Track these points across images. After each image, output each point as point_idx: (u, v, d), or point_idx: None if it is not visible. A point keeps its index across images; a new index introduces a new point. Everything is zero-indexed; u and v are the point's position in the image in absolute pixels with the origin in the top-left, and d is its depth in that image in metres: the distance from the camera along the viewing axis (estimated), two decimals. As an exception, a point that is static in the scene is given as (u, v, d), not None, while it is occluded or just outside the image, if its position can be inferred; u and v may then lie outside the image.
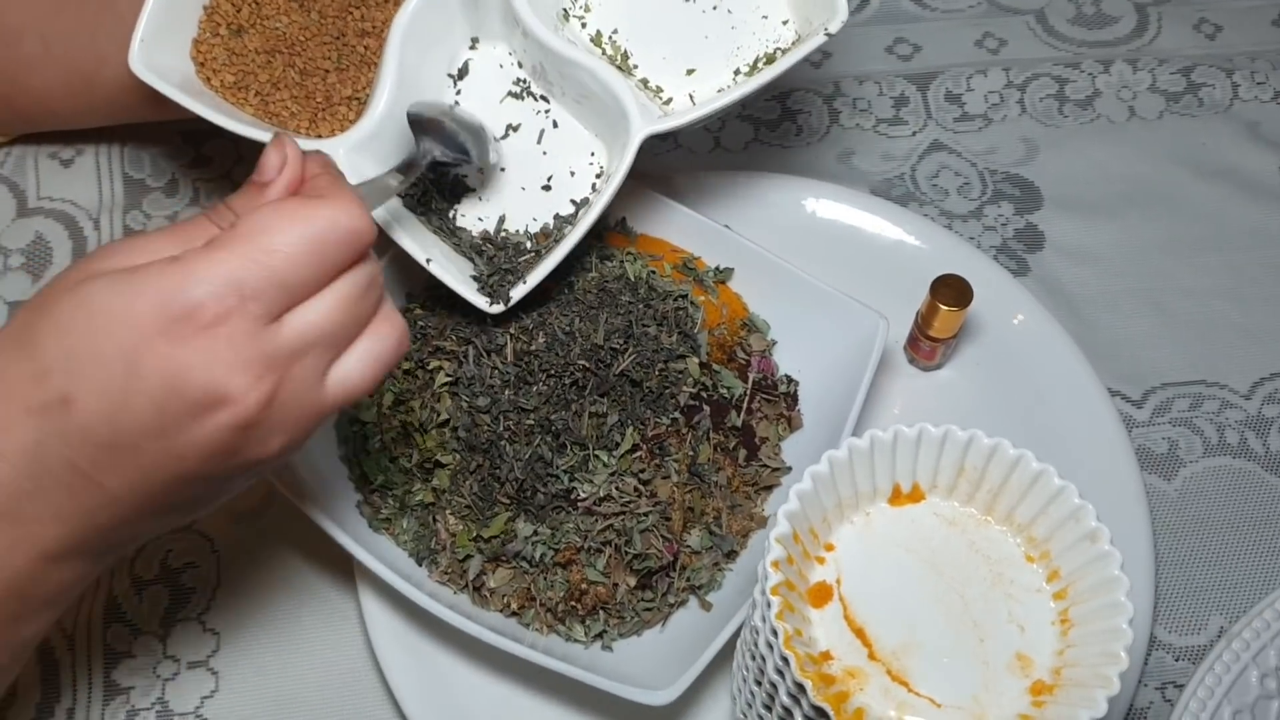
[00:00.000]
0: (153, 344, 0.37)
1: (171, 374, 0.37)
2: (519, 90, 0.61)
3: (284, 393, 0.39)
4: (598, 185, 0.61)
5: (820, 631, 0.46)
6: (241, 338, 0.38)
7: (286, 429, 0.40)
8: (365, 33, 0.61)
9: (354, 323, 0.41)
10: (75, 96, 0.68)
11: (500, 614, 0.57)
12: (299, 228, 0.39)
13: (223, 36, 0.60)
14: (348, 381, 0.42)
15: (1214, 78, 0.80)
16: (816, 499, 0.46)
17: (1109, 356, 0.69)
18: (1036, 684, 0.45)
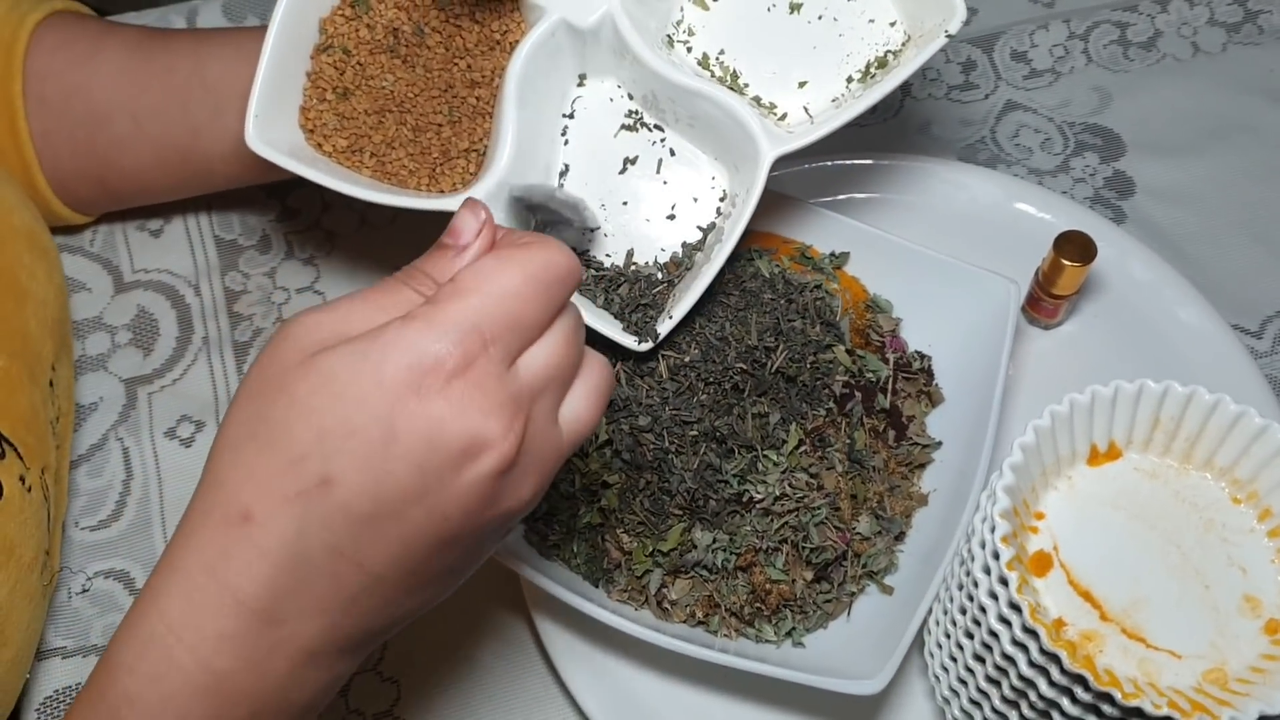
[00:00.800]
0: (406, 404, 0.37)
1: (429, 429, 0.37)
2: (632, 122, 0.61)
3: (531, 433, 0.39)
4: (722, 209, 0.60)
5: (1049, 600, 0.46)
6: (490, 381, 0.38)
7: (535, 471, 0.40)
8: (474, 83, 0.61)
9: (575, 359, 0.41)
10: (169, 171, 0.68)
11: (685, 624, 0.57)
12: (521, 270, 0.39)
13: (330, 102, 0.60)
14: (578, 419, 0.42)
15: (1271, 4, 0.81)
16: (1026, 469, 0.47)
17: (1220, 291, 0.70)
18: (1270, 623, 0.45)
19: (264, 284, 0.72)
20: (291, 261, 0.73)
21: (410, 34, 0.61)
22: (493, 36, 0.62)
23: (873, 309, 0.65)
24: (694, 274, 0.58)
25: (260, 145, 0.57)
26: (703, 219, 0.61)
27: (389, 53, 0.61)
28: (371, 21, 0.61)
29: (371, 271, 0.72)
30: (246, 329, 0.70)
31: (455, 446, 0.37)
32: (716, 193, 0.61)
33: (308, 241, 0.74)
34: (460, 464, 0.38)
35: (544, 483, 0.41)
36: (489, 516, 0.39)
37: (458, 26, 0.62)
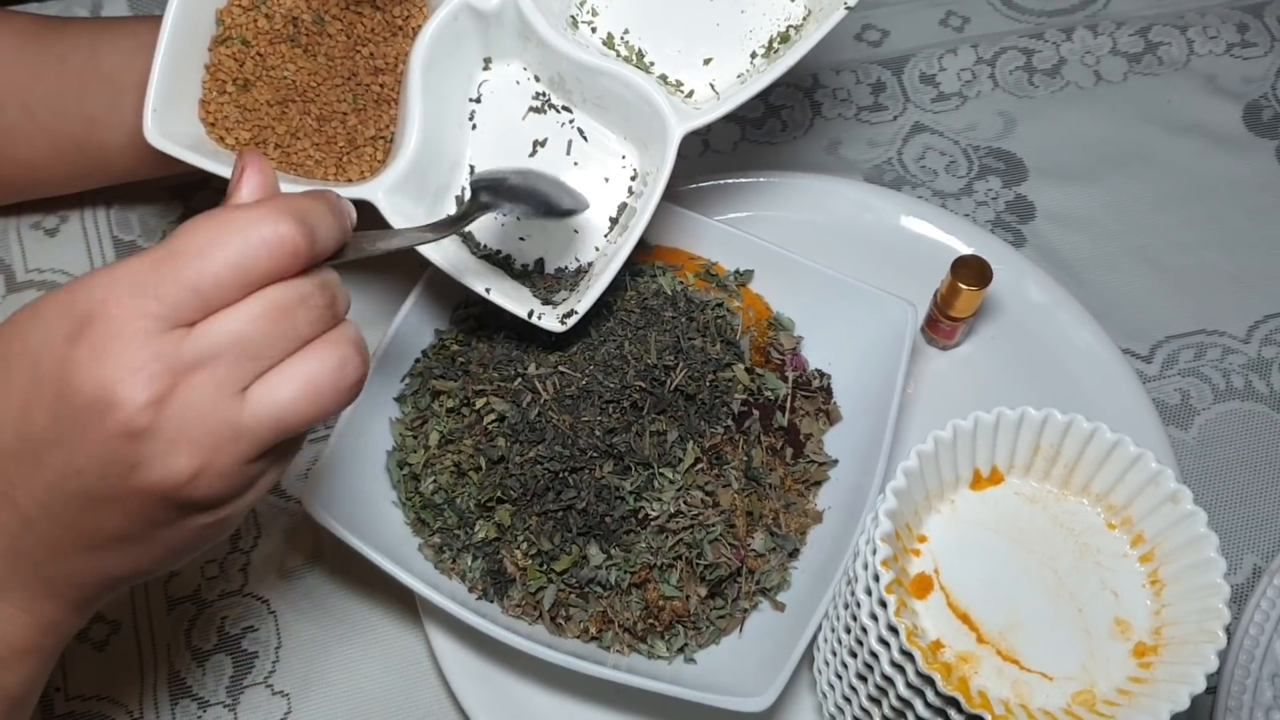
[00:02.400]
0: (54, 347, 0.37)
1: (64, 376, 0.37)
2: (540, 104, 0.61)
3: (181, 401, 0.37)
4: (634, 188, 0.61)
5: (928, 622, 0.47)
6: (137, 337, 0.36)
7: (192, 445, 0.37)
8: (378, 70, 0.60)
9: (280, 339, 0.39)
10: (64, 162, 0.66)
11: (579, 640, 0.57)
12: (214, 229, 0.37)
13: (230, 94, 0.59)
14: (273, 401, 0.39)
15: (1170, 35, 0.83)
16: (909, 493, 0.47)
17: (1113, 316, 0.72)
18: (1138, 646, 0.46)
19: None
20: (192, 264, 0.71)
21: (310, 22, 0.60)
22: (395, 22, 0.61)
23: (775, 327, 0.66)
24: (609, 254, 0.58)
25: (159, 139, 0.56)
26: (615, 198, 0.61)
27: (289, 42, 0.60)
28: (270, 11, 0.60)
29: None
30: (143, 332, 0.69)
31: (83, 399, 0.37)
32: (628, 171, 0.62)
33: (210, 244, 0.72)
34: (90, 417, 0.37)
35: (213, 461, 0.38)
36: (136, 485, 0.38)
37: (359, 13, 0.61)
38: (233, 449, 0.38)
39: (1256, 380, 0.70)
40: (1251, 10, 0.84)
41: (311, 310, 0.39)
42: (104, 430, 0.37)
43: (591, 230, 0.61)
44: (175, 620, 0.61)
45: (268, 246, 0.38)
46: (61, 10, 0.80)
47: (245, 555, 0.63)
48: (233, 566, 0.63)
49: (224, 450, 0.38)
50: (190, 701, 0.59)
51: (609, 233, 0.61)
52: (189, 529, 0.40)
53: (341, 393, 0.41)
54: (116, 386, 0.36)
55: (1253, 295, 0.73)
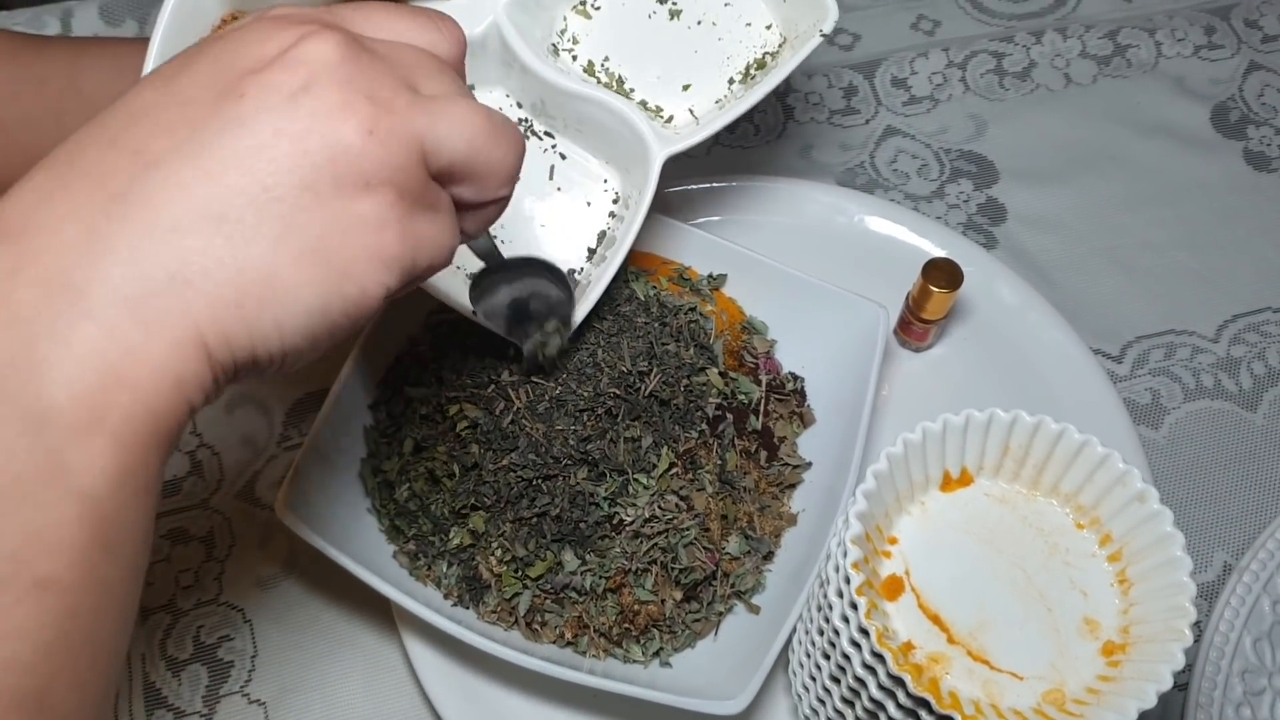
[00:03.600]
0: (217, 35, 0.37)
1: (234, 38, 0.36)
2: (523, 130, 0.61)
3: (367, 58, 0.36)
4: (616, 211, 0.61)
5: (899, 623, 0.47)
6: (317, 16, 0.37)
7: (374, 100, 0.35)
8: None
9: (446, 77, 0.38)
10: None
11: (554, 645, 0.58)
12: (396, 9, 0.39)
13: None
14: (447, 106, 0.37)
15: (1138, 38, 0.84)
16: (879, 495, 0.48)
17: (1084, 316, 0.72)
18: (1107, 645, 0.47)
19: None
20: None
21: None
22: None
23: (748, 330, 0.66)
24: (595, 274, 0.59)
25: None
26: (598, 221, 0.62)
27: None
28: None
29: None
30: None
31: (263, 39, 0.35)
32: (609, 195, 0.62)
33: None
34: (267, 57, 0.35)
35: (385, 118, 0.35)
36: (304, 114, 0.34)
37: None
38: (407, 116, 0.36)
39: (1226, 379, 0.71)
40: (1218, 13, 0.85)
41: (465, 87, 0.39)
42: (275, 60, 0.35)
43: (572, 255, 0.62)
44: (150, 630, 0.61)
45: (437, 24, 0.40)
46: (30, 20, 0.79)
47: (220, 564, 0.63)
48: (207, 576, 0.62)
49: (399, 113, 0.36)
50: (166, 711, 0.59)
51: (590, 259, 0.61)
52: (353, 217, 0.35)
53: (512, 137, 0.39)
54: (291, 30, 0.35)
55: (1221, 295, 0.74)
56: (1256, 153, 0.79)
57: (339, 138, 0.34)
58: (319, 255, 0.35)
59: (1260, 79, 0.82)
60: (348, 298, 0.36)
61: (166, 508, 0.64)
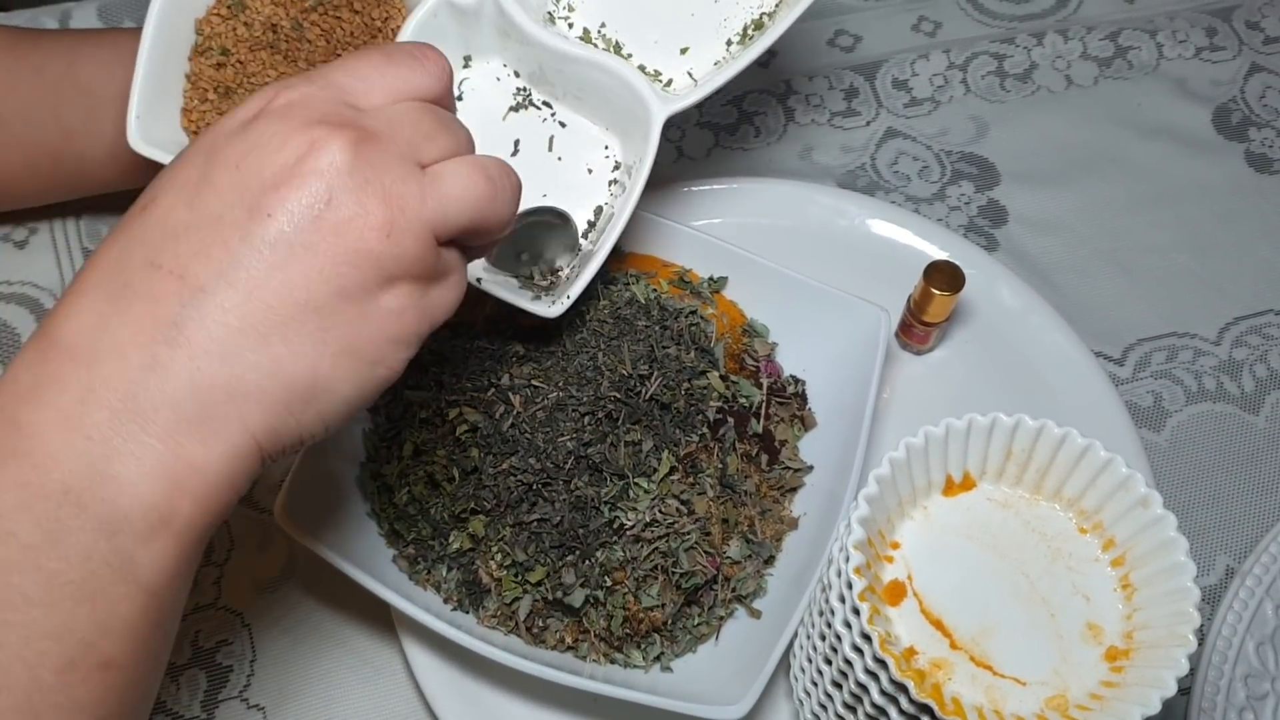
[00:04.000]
0: (230, 136, 0.38)
1: (248, 143, 0.38)
2: (521, 101, 0.61)
3: (370, 153, 0.38)
4: (618, 177, 0.61)
5: (901, 628, 0.47)
6: (318, 101, 0.38)
7: (381, 194, 0.38)
8: None
9: (447, 134, 0.41)
10: (38, 175, 0.66)
11: (555, 650, 0.57)
12: (371, 54, 0.41)
13: (212, 101, 0.59)
14: (451, 178, 0.40)
15: (1139, 40, 0.84)
16: (881, 500, 0.47)
17: (1085, 319, 0.72)
18: (1110, 650, 0.46)
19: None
20: (164, 275, 0.71)
21: (289, 29, 0.60)
22: (374, 24, 0.61)
23: (749, 333, 0.66)
24: (599, 238, 0.59)
25: (144, 145, 0.56)
26: (599, 188, 0.62)
27: (269, 49, 0.60)
28: (249, 19, 0.60)
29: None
30: (115, 344, 0.69)
31: (267, 151, 0.37)
32: (610, 162, 0.62)
33: (181, 255, 0.72)
34: (275, 167, 0.37)
35: (401, 217, 0.38)
36: (328, 224, 0.37)
37: (337, 18, 0.61)
38: (418, 211, 0.39)
39: (1228, 382, 0.71)
40: (1220, 14, 0.85)
41: (460, 129, 0.42)
42: (293, 174, 0.37)
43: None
44: (148, 635, 0.61)
45: (415, 55, 0.41)
46: (28, 21, 0.79)
47: (218, 568, 0.63)
48: (205, 580, 0.62)
49: (410, 209, 0.39)
50: (164, 716, 0.59)
51: (590, 230, 0.61)
52: (379, 312, 0.39)
53: (511, 188, 0.42)
54: (301, 135, 0.37)
55: (1223, 297, 0.74)
56: (1258, 155, 0.79)
57: (361, 245, 0.38)
58: (353, 351, 0.39)
59: (1262, 81, 0.82)
60: (378, 379, 0.40)
61: (165, 511, 0.64)
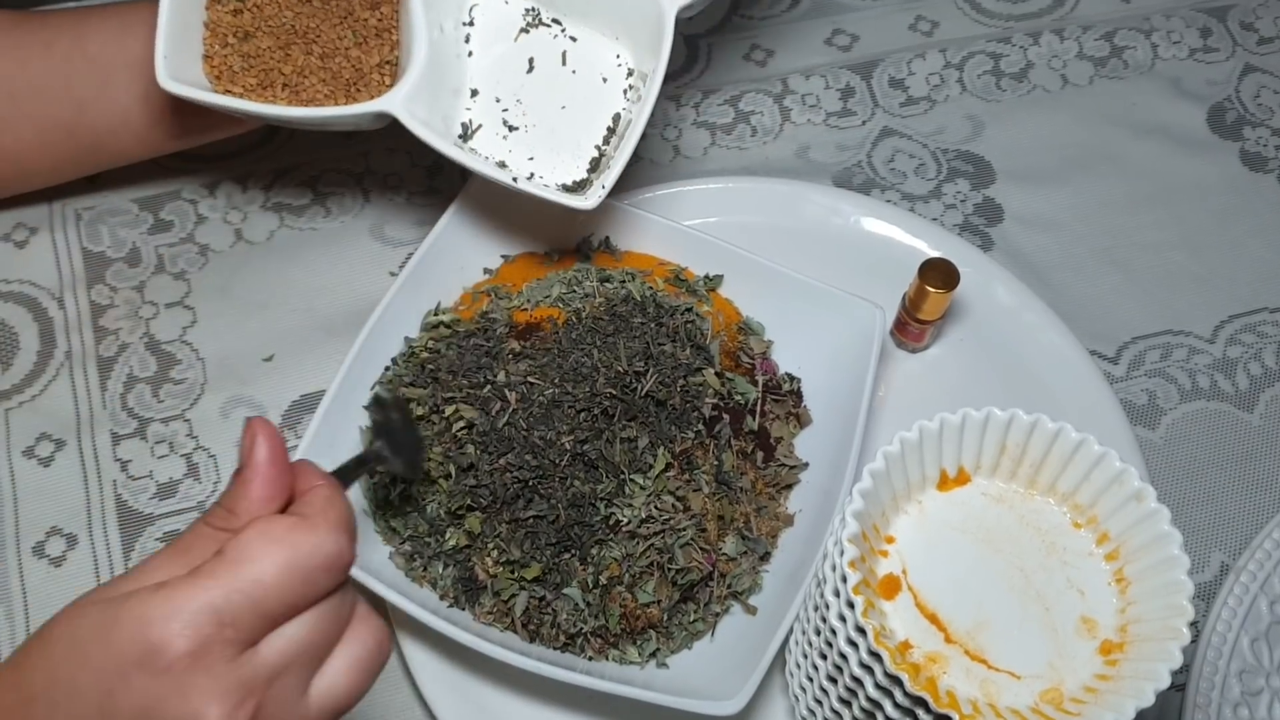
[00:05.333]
0: (128, 676, 0.36)
1: (146, 707, 0.36)
2: (531, 21, 0.63)
3: (267, 713, 0.38)
4: (633, 83, 0.63)
5: (896, 622, 0.47)
6: (219, 666, 0.37)
7: None
8: (373, 4, 0.62)
9: (333, 637, 0.41)
10: (52, 150, 0.66)
11: (551, 646, 0.57)
12: (283, 556, 0.38)
13: (233, 45, 0.60)
14: (334, 692, 0.41)
15: (1135, 40, 0.84)
16: (876, 494, 0.48)
17: (1080, 317, 0.72)
18: (1105, 644, 0.47)
19: (132, 298, 0.70)
20: (162, 276, 0.71)
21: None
22: None
23: (744, 331, 0.66)
24: (618, 144, 0.60)
25: (172, 83, 0.57)
26: (615, 96, 0.63)
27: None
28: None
29: (244, 288, 0.71)
30: (112, 344, 0.69)
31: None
32: (624, 70, 0.63)
33: (180, 256, 0.72)
34: None
35: None
36: None
37: None
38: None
39: (1222, 380, 0.71)
40: (1215, 14, 0.85)
41: (349, 598, 0.42)
42: None
43: (594, 133, 0.63)
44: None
45: (332, 567, 0.40)
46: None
47: (216, 566, 0.63)
48: (203, 577, 0.62)
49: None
50: (161, 713, 0.59)
51: (608, 138, 0.62)
52: None
53: (380, 665, 0.43)
54: (206, 716, 0.37)
55: (1218, 295, 0.74)
56: (1253, 153, 0.79)
57: None
58: None
59: (1256, 80, 0.82)
60: None
61: (162, 510, 0.64)
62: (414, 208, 0.75)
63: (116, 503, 0.64)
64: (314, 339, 0.69)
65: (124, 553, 0.63)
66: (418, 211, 0.74)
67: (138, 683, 0.36)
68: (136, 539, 0.63)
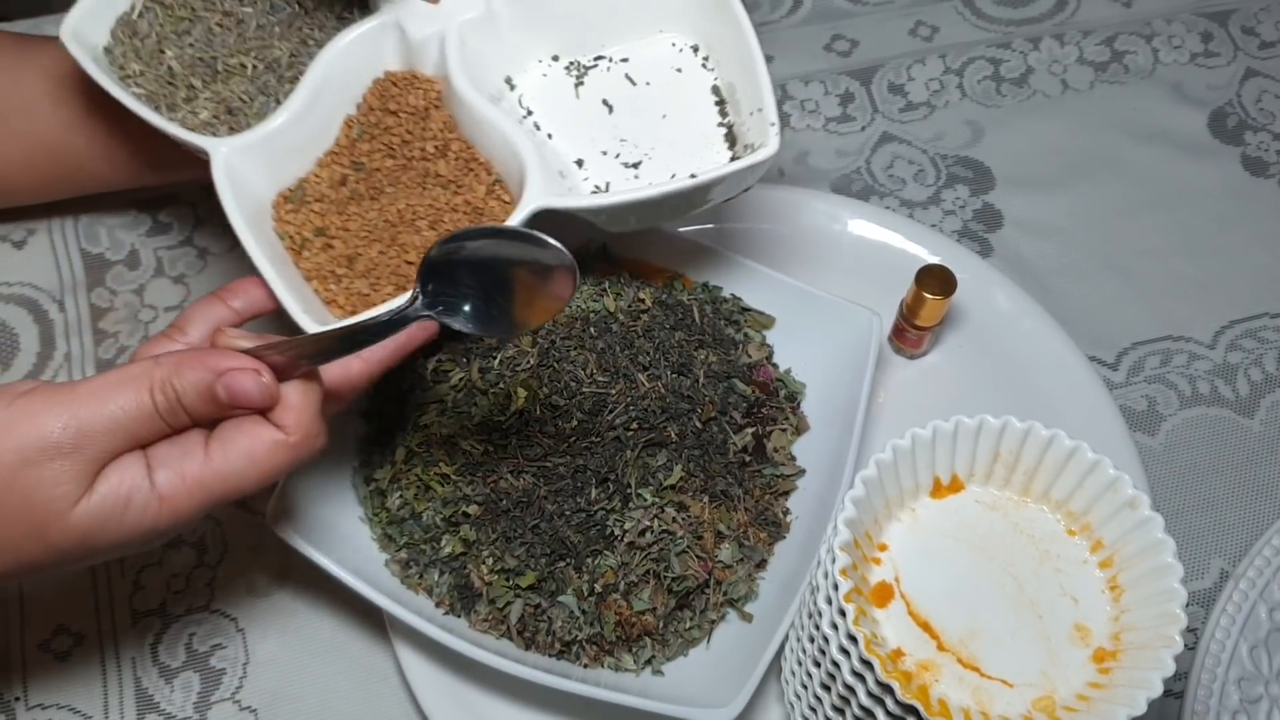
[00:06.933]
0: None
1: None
2: (579, 75, 0.64)
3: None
4: (705, 52, 0.64)
5: (889, 630, 0.47)
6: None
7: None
8: (440, 154, 0.60)
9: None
10: (35, 170, 0.66)
11: (547, 654, 0.57)
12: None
13: (342, 274, 0.57)
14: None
15: (1135, 45, 0.84)
16: (869, 502, 0.47)
17: (1080, 323, 0.72)
18: (1098, 651, 0.46)
19: (131, 301, 0.71)
20: (161, 279, 0.71)
21: (354, 172, 0.60)
22: (419, 109, 0.61)
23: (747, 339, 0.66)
24: (744, 88, 0.61)
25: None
26: (698, 73, 0.64)
27: (353, 200, 0.59)
28: (313, 195, 0.59)
29: (243, 291, 0.71)
30: (111, 346, 0.69)
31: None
32: (688, 50, 0.64)
33: (178, 259, 0.72)
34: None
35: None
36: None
37: (385, 128, 0.61)
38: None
39: (1222, 386, 0.71)
40: (1216, 19, 0.85)
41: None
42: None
43: (707, 118, 0.63)
44: (140, 633, 0.61)
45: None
46: (30, 28, 0.79)
47: (211, 570, 0.63)
48: (199, 581, 0.62)
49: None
50: (158, 717, 0.59)
51: (724, 110, 0.63)
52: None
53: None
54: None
55: (1218, 301, 0.74)
56: (1254, 158, 0.79)
57: None
58: None
59: (1258, 85, 0.82)
60: None
61: (159, 514, 0.64)
62: (413, 213, 0.75)
63: (114, 507, 0.64)
64: (312, 344, 0.69)
65: (121, 557, 0.63)
66: (416, 217, 0.74)
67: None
68: (133, 544, 0.63)
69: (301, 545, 0.56)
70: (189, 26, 0.61)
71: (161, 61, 0.60)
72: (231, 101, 0.59)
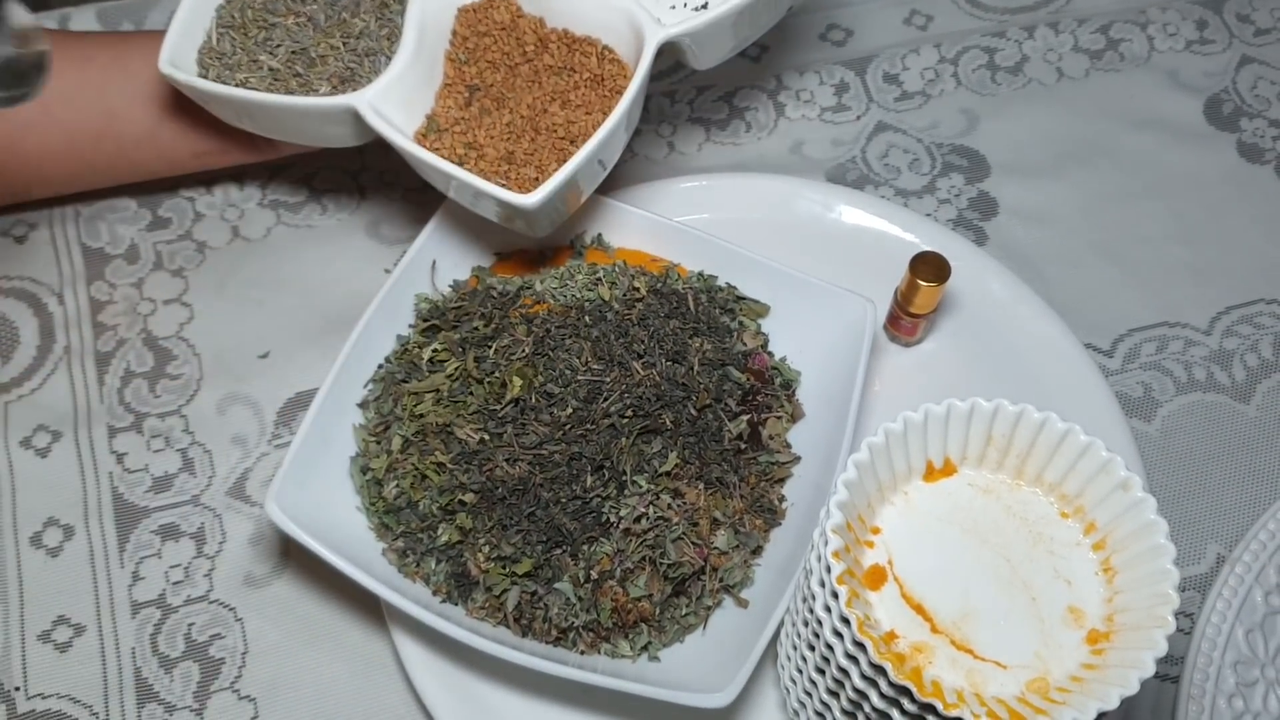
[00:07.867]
0: None
1: None
2: None
3: None
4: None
5: (882, 613, 0.47)
6: None
7: None
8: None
9: None
10: (76, 157, 0.67)
11: (543, 641, 0.58)
12: None
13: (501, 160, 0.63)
14: None
15: (1130, 32, 0.84)
16: (861, 485, 0.48)
17: (1075, 310, 0.72)
18: (1091, 633, 0.47)
19: (130, 295, 0.71)
20: (160, 273, 0.72)
21: (474, 95, 0.64)
22: (506, 23, 0.65)
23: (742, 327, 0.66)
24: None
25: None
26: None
27: (485, 115, 0.63)
28: (451, 121, 0.63)
29: (240, 285, 0.72)
30: (110, 339, 0.69)
31: None
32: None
33: (177, 253, 0.73)
34: None
35: None
36: None
37: (488, 51, 0.65)
38: None
39: (1218, 371, 0.71)
40: (1211, 6, 0.85)
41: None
42: None
43: None
44: (140, 624, 0.61)
45: None
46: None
47: (210, 560, 0.63)
48: (197, 571, 0.63)
49: None
50: (157, 706, 0.59)
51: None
52: None
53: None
54: None
55: (1214, 287, 0.74)
56: (1250, 145, 0.79)
57: None
58: None
59: (1254, 71, 0.82)
60: None
61: (157, 503, 0.65)
62: (409, 205, 0.75)
63: (113, 495, 0.65)
64: (309, 335, 0.70)
65: (119, 545, 0.63)
66: (413, 209, 0.75)
67: None
68: (132, 531, 0.64)
69: (299, 535, 0.56)
70: (268, 34, 0.63)
71: (260, 65, 0.63)
72: (343, 72, 0.63)
